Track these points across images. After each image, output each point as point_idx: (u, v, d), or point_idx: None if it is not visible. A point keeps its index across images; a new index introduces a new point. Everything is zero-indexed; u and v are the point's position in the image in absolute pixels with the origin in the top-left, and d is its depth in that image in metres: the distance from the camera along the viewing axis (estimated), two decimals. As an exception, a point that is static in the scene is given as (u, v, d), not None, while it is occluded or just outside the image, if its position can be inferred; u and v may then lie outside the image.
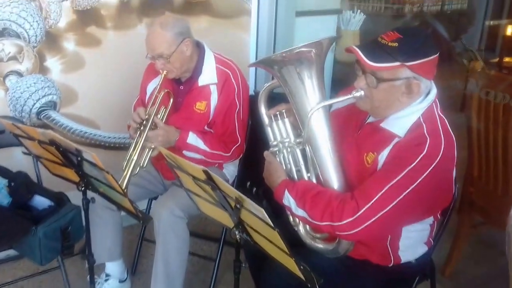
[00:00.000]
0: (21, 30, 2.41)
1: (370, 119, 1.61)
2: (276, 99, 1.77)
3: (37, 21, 2.44)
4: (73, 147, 1.55)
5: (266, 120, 1.75)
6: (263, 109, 1.77)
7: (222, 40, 2.94)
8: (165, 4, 2.77)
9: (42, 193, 2.19)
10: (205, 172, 1.35)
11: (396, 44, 1.41)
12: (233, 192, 1.30)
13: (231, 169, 2.39)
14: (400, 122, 1.50)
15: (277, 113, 1.70)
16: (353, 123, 1.67)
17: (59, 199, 2.19)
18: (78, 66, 2.61)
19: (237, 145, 2.24)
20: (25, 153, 1.92)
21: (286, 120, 1.70)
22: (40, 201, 2.19)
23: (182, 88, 2.25)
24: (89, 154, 1.51)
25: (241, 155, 2.34)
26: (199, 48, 2.22)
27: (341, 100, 1.59)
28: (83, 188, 1.75)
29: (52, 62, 2.54)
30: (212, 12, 2.91)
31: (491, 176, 2.36)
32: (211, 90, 2.19)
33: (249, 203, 1.25)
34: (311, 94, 1.59)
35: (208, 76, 2.19)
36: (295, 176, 1.65)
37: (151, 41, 2.08)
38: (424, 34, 1.47)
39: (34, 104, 2.54)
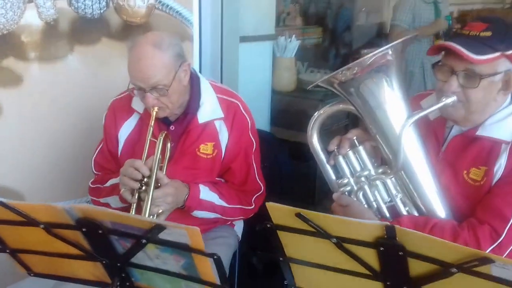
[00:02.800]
0: None
1: (455, 130, 1.42)
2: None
3: None
4: (149, 224, 0.93)
5: (323, 156, 1.48)
6: (317, 143, 1.49)
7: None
8: (101, 28, 2.16)
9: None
10: (388, 228, 0.92)
11: (489, 33, 1.27)
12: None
13: (240, 225, 1.88)
14: (502, 126, 1.34)
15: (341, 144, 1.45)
16: (432, 139, 1.45)
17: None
18: (-9, 115, 1.86)
19: (260, 193, 1.75)
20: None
21: (360, 148, 1.43)
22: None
23: (173, 129, 1.68)
24: (184, 230, 0.91)
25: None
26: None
27: (432, 110, 1.35)
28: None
29: (-45, 112, 1.76)
30: (152, 37, 2.36)
31: None
32: (217, 127, 1.68)
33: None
34: (395, 106, 1.36)
35: (210, 109, 1.68)
36: (387, 214, 1.40)
37: (144, 68, 1.49)
38: (508, 21, 1.33)
39: None
